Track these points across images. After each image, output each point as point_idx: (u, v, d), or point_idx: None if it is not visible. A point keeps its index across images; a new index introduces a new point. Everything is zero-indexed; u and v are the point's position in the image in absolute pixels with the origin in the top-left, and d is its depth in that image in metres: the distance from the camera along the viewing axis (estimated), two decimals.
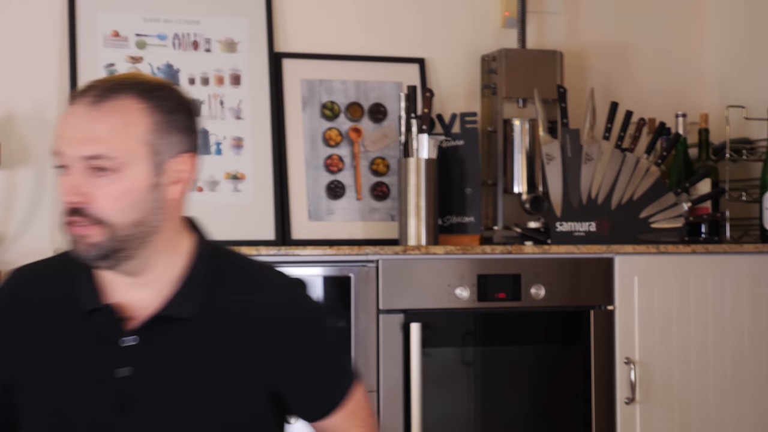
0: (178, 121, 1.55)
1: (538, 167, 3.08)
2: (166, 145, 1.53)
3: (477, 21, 3.32)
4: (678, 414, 2.85)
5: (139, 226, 1.51)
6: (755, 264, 2.94)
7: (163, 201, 1.53)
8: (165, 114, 1.54)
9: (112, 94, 1.50)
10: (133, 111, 1.51)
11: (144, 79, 1.58)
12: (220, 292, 1.58)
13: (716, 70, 3.53)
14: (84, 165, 1.48)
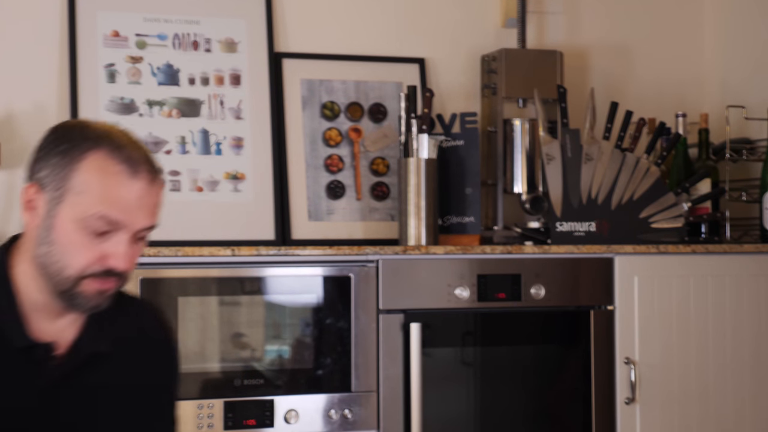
0: None
1: (538, 167, 3.08)
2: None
3: (477, 21, 3.32)
4: (678, 414, 2.85)
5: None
6: (755, 264, 2.94)
7: None
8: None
9: (156, 169, 1.61)
10: (162, 188, 1.63)
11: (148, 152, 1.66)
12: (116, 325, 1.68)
13: (716, 70, 3.53)
14: (133, 234, 1.57)
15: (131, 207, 1.55)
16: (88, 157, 1.55)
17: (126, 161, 1.56)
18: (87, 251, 1.54)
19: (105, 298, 1.58)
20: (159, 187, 1.60)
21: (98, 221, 1.53)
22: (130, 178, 1.55)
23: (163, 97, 2.95)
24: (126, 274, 1.59)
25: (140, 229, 1.57)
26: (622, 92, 3.41)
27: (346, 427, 2.62)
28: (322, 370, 2.63)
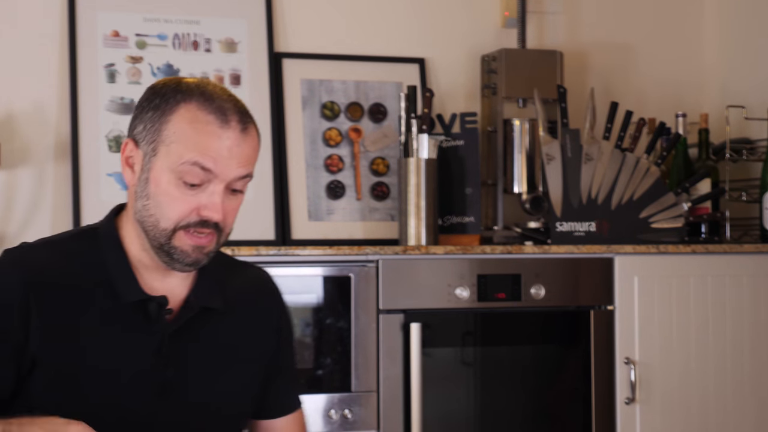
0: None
1: (538, 167, 3.08)
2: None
3: (477, 21, 3.32)
4: (678, 414, 2.85)
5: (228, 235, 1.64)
6: (755, 264, 2.94)
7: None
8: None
9: (248, 119, 1.60)
10: (257, 136, 1.63)
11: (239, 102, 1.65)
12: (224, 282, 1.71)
13: (716, 70, 3.53)
14: (229, 184, 1.58)
15: (222, 156, 1.55)
16: (179, 109, 1.57)
17: (216, 111, 1.56)
18: (182, 203, 1.56)
19: (203, 254, 1.59)
20: (251, 138, 1.59)
21: (191, 169, 1.54)
22: (221, 128, 1.56)
23: None
24: (223, 229, 1.59)
25: (233, 178, 1.57)
26: (622, 92, 3.41)
27: (346, 427, 2.62)
28: (322, 370, 2.63)
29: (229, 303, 1.69)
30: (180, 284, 1.65)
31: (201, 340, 1.64)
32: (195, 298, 1.65)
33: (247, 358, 1.70)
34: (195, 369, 1.63)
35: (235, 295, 1.71)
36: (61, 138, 2.90)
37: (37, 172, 2.89)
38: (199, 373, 1.63)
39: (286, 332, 1.80)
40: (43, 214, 2.88)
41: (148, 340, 1.59)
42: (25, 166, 2.88)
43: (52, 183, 2.89)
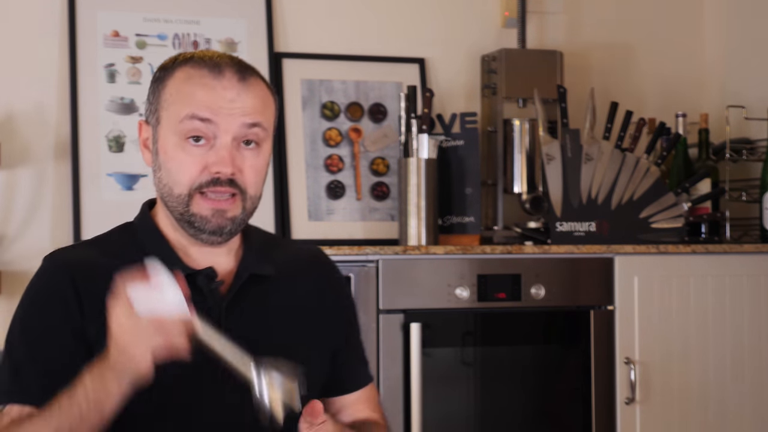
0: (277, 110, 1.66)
1: (538, 167, 3.08)
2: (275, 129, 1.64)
3: (477, 21, 3.32)
4: (678, 414, 2.85)
5: (258, 201, 1.60)
6: (755, 264, 2.94)
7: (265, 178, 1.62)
8: (277, 100, 1.65)
9: (248, 71, 1.58)
10: (266, 90, 1.60)
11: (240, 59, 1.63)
12: (273, 253, 1.67)
13: (716, 70, 3.53)
14: (236, 136, 1.54)
15: (220, 106, 1.52)
16: (175, 73, 1.57)
17: (209, 65, 1.55)
18: (189, 164, 1.53)
19: (226, 219, 1.54)
20: (254, 88, 1.56)
21: (190, 123, 1.52)
22: (214, 78, 1.53)
23: None
24: (246, 190, 1.55)
25: (239, 128, 1.53)
26: (622, 92, 3.41)
27: None
28: None
29: (282, 272, 1.65)
30: (226, 259, 1.61)
31: (258, 310, 1.60)
32: (244, 268, 1.61)
33: (309, 326, 1.66)
34: (257, 340, 1.56)
35: (287, 265, 1.67)
36: (61, 138, 2.90)
37: (37, 172, 2.89)
38: (262, 343, 1.56)
39: (348, 304, 1.76)
40: (43, 214, 2.88)
41: (204, 316, 1.53)
42: (25, 166, 2.88)
43: (52, 183, 2.89)
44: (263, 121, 1.56)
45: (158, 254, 1.56)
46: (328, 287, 1.72)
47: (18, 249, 2.85)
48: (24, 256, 2.86)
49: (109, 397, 1.42)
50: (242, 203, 1.56)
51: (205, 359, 1.46)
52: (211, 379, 1.54)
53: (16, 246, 2.85)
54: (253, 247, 1.64)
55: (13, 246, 2.85)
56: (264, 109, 1.57)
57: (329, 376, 1.71)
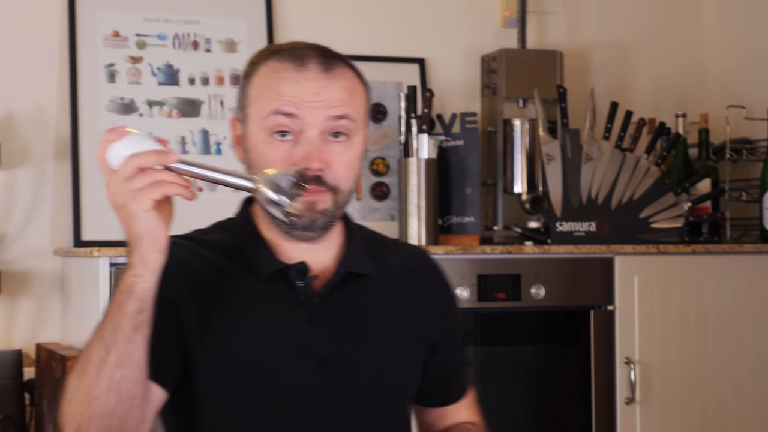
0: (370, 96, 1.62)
1: (538, 167, 3.08)
2: (367, 117, 1.59)
3: (477, 21, 3.32)
4: (678, 414, 2.85)
5: (351, 194, 1.56)
6: (755, 264, 2.94)
7: (360, 170, 1.58)
8: (368, 87, 1.60)
9: (333, 61, 1.55)
10: (354, 79, 1.57)
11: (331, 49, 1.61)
12: (376, 253, 1.63)
13: (716, 70, 3.53)
14: (323, 129, 1.50)
15: (304, 99, 1.49)
16: (260, 68, 1.55)
17: (292, 58, 1.52)
18: (279, 160, 1.50)
19: (317, 212, 1.50)
20: (340, 79, 1.53)
21: (275, 119, 1.49)
22: (297, 71, 1.50)
23: (163, 97, 2.95)
24: (337, 184, 1.51)
25: (324, 121, 1.49)
26: (622, 92, 3.41)
27: None
28: None
29: (383, 272, 1.60)
30: (325, 255, 1.57)
31: (353, 308, 1.55)
32: (342, 265, 1.56)
33: (404, 328, 1.60)
34: (353, 339, 1.53)
35: (390, 266, 1.63)
36: (61, 138, 2.90)
37: (37, 172, 2.89)
38: (358, 342, 1.54)
39: (450, 309, 1.70)
40: (43, 214, 2.88)
41: (297, 311, 1.52)
42: (25, 166, 2.88)
43: (52, 183, 2.89)
44: (350, 112, 1.52)
45: (253, 250, 1.55)
46: (431, 291, 1.67)
47: (18, 249, 2.85)
48: (24, 256, 2.86)
49: (135, 273, 1.36)
50: (333, 197, 1.52)
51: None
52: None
53: (16, 246, 2.85)
54: (355, 245, 1.60)
55: (13, 246, 2.85)
56: (351, 100, 1.53)
57: (428, 383, 1.66)
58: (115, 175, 1.35)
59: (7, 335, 2.83)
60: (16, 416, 2.60)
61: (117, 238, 2.81)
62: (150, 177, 1.34)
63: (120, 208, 1.34)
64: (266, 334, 1.51)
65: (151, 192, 1.33)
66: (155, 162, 1.35)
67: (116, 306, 1.37)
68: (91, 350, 1.38)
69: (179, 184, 1.37)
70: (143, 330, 1.38)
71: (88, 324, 2.57)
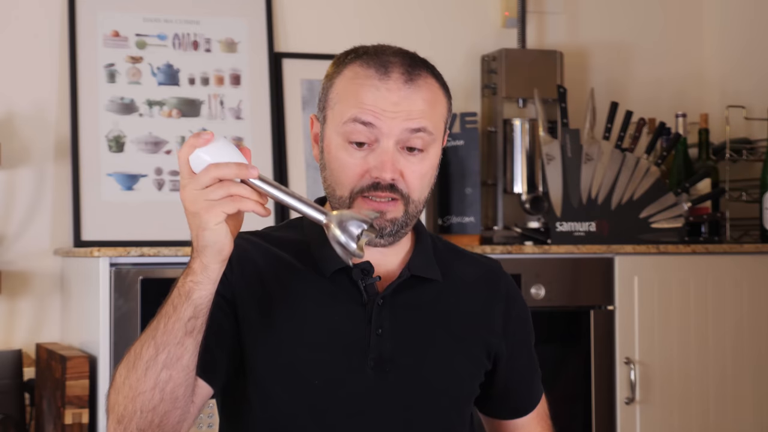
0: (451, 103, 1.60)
1: (538, 167, 3.08)
2: (447, 125, 1.58)
3: (477, 21, 3.32)
4: (678, 414, 2.85)
5: (423, 204, 1.55)
6: (755, 264, 2.94)
7: (434, 179, 1.57)
8: (449, 95, 1.59)
9: (417, 71, 1.54)
10: (437, 90, 1.56)
11: (416, 54, 1.60)
12: (445, 261, 1.62)
13: (716, 70, 3.53)
14: (399, 140, 1.50)
15: (383, 108, 1.48)
16: (344, 71, 1.53)
17: (377, 65, 1.51)
18: (352, 166, 1.50)
19: (386, 221, 1.50)
20: (423, 90, 1.52)
21: (353, 127, 1.49)
22: (380, 80, 1.50)
23: (163, 97, 2.95)
24: (409, 195, 1.51)
25: (401, 133, 1.49)
26: (622, 92, 3.41)
27: None
28: None
29: (450, 279, 1.60)
30: (394, 259, 1.57)
31: (414, 311, 1.54)
32: (407, 268, 1.56)
33: (467, 337, 1.59)
34: (412, 342, 1.52)
35: (458, 273, 1.62)
36: (61, 138, 2.90)
37: (37, 172, 2.89)
38: (417, 346, 1.53)
39: (518, 318, 1.68)
40: (43, 214, 2.88)
41: (357, 311, 1.52)
42: (25, 166, 2.88)
43: (52, 183, 2.89)
44: (428, 125, 1.51)
45: (320, 249, 1.54)
46: (497, 301, 1.66)
47: (18, 249, 2.85)
48: (24, 256, 2.86)
49: (195, 280, 1.36)
50: (404, 207, 1.51)
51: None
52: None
53: (16, 246, 2.86)
54: (423, 251, 1.60)
55: (13, 246, 2.85)
56: (431, 112, 1.52)
57: (493, 394, 1.66)
58: (192, 180, 1.33)
59: (7, 335, 2.83)
60: (16, 416, 2.61)
61: (117, 238, 2.82)
62: (227, 189, 1.33)
63: (193, 215, 1.34)
64: (324, 333, 1.52)
65: (227, 205, 1.33)
66: (236, 175, 1.33)
67: (171, 308, 1.38)
68: (142, 346, 1.38)
69: (255, 200, 1.35)
70: (195, 335, 1.39)
71: (88, 324, 2.58)
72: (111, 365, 2.44)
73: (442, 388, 1.56)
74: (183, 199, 1.35)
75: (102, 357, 2.44)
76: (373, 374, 1.51)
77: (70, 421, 2.40)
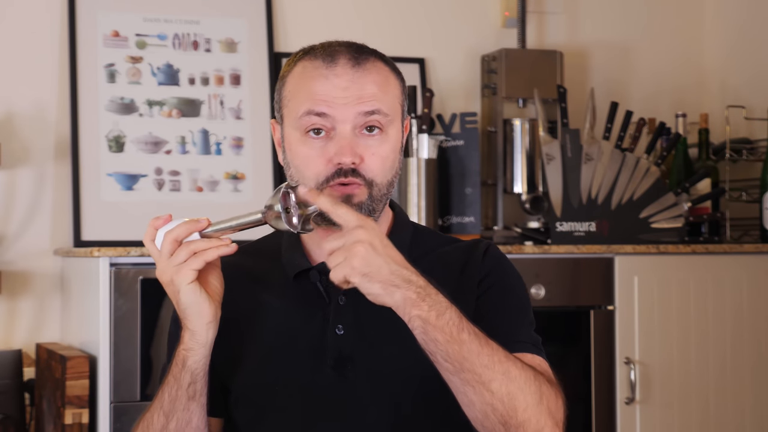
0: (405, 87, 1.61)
1: (538, 167, 3.08)
2: (404, 108, 1.59)
3: (477, 21, 3.32)
4: (678, 414, 2.85)
5: (389, 187, 1.54)
6: (755, 264, 2.94)
7: (399, 163, 1.57)
8: (402, 78, 1.59)
9: (364, 56, 1.53)
10: (386, 72, 1.55)
11: (364, 45, 1.59)
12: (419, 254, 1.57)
13: (716, 70, 3.53)
14: (355, 125, 1.50)
15: (333, 95, 1.49)
16: (293, 70, 1.55)
17: (323, 55, 1.52)
18: (314, 158, 1.50)
19: (353, 205, 1.48)
20: (371, 72, 1.52)
21: (308, 119, 1.50)
22: (327, 68, 1.50)
23: (163, 97, 2.95)
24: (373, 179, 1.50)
25: (356, 117, 1.49)
26: (622, 92, 3.41)
27: None
28: None
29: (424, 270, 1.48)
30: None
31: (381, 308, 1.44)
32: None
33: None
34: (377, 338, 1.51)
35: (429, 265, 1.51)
36: (61, 138, 2.90)
37: (37, 172, 2.89)
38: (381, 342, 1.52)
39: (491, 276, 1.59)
40: (43, 214, 2.88)
41: (317, 312, 1.53)
42: (25, 166, 2.88)
43: (52, 183, 2.89)
44: (382, 107, 1.51)
45: (287, 250, 1.58)
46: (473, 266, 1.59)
47: (18, 249, 2.85)
48: (24, 256, 2.86)
49: (186, 348, 1.45)
50: (368, 190, 1.51)
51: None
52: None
53: (16, 246, 2.85)
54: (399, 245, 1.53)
55: (13, 246, 2.85)
56: (383, 94, 1.52)
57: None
58: (160, 256, 1.44)
59: (7, 335, 2.83)
60: (16, 416, 2.60)
61: (117, 238, 2.82)
62: (188, 248, 1.42)
63: (167, 285, 1.43)
64: (285, 336, 1.54)
65: (192, 263, 1.42)
66: (187, 231, 1.43)
67: (172, 378, 1.47)
68: (152, 415, 1.49)
69: (216, 246, 1.44)
70: (198, 397, 1.47)
71: (88, 324, 2.58)
72: (111, 365, 2.44)
73: (405, 384, 1.53)
74: (158, 276, 1.45)
75: (102, 357, 2.44)
76: (333, 373, 1.51)
77: (70, 421, 2.40)
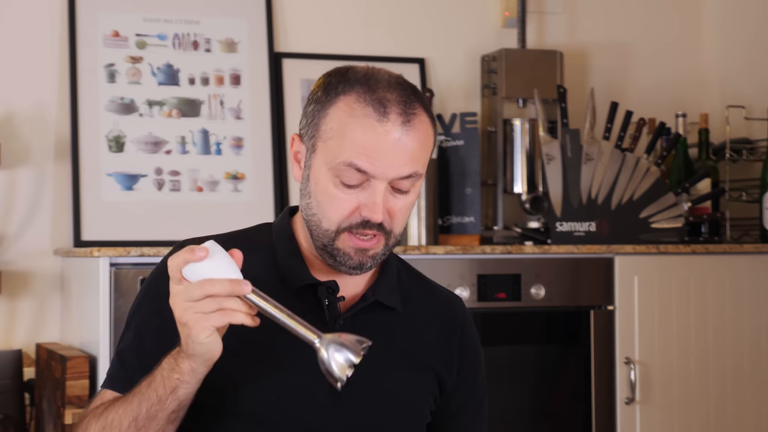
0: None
1: (538, 167, 3.08)
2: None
3: (477, 21, 3.32)
4: (678, 414, 2.85)
5: (400, 235, 1.55)
6: (755, 264, 2.94)
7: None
8: (435, 124, 1.56)
9: (412, 108, 1.50)
10: (428, 127, 1.52)
11: (408, 84, 1.55)
12: (408, 290, 1.63)
13: (716, 70, 3.53)
14: (391, 181, 1.48)
15: (380, 153, 1.45)
16: (338, 102, 1.50)
17: (375, 103, 1.47)
18: (342, 202, 1.47)
19: (367, 257, 1.49)
20: (416, 131, 1.48)
21: (347, 170, 1.46)
22: (378, 121, 1.46)
23: (163, 97, 2.95)
24: (391, 230, 1.50)
25: (395, 177, 1.46)
26: (622, 92, 3.41)
27: None
28: None
29: (410, 308, 1.60)
30: (359, 280, 1.57)
31: (375, 338, 1.46)
32: (372, 293, 1.56)
33: (423, 368, 1.59)
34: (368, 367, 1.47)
35: (418, 304, 1.62)
36: (61, 138, 2.90)
37: (37, 172, 2.89)
38: (373, 371, 1.51)
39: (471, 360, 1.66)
40: (43, 214, 2.88)
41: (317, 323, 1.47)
42: (25, 166, 2.88)
43: (52, 183, 2.89)
44: (420, 168, 1.49)
45: (286, 260, 1.54)
46: (453, 335, 1.65)
47: (18, 249, 2.85)
48: (24, 256, 2.86)
49: (182, 380, 1.38)
50: (385, 241, 1.51)
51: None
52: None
53: (16, 246, 2.85)
54: (387, 276, 1.60)
55: (13, 246, 2.85)
56: (423, 153, 1.50)
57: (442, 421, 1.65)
58: (184, 290, 1.35)
59: (7, 335, 2.83)
60: (16, 416, 2.60)
61: (117, 238, 2.82)
62: (219, 303, 1.34)
63: (182, 325, 1.36)
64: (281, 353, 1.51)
65: (216, 319, 1.34)
66: (229, 293, 1.34)
67: (155, 396, 1.40)
68: (121, 422, 1.42)
69: (245, 313, 1.35)
70: (176, 422, 1.42)
71: (88, 324, 2.58)
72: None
73: (395, 414, 1.56)
74: (173, 305, 1.36)
75: (102, 357, 2.44)
76: (325, 396, 1.50)
77: (70, 421, 2.40)
